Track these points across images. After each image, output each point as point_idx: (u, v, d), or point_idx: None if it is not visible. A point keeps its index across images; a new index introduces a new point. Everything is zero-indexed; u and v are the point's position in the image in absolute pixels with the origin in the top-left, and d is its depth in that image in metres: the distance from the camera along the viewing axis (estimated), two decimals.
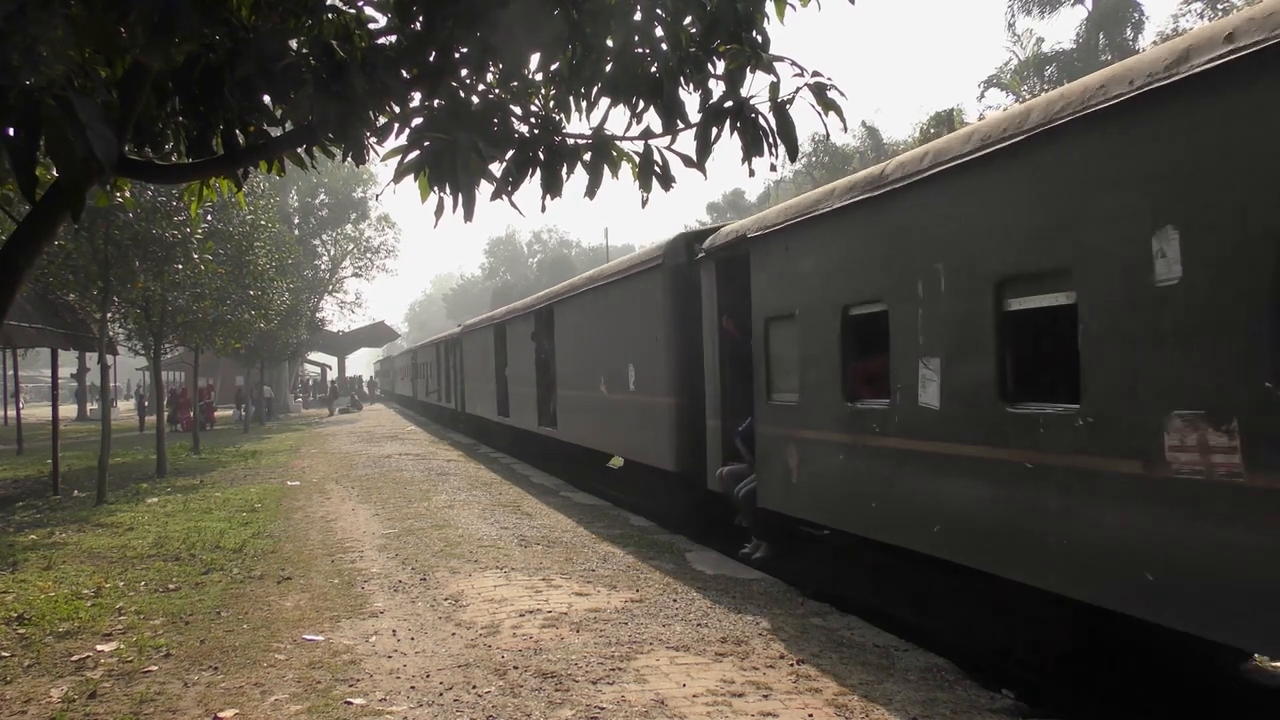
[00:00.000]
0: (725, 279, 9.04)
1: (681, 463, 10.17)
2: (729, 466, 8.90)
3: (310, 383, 62.42)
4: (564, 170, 3.90)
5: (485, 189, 3.69)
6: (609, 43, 3.69)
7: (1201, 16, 33.70)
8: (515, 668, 5.48)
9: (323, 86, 3.12)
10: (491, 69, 3.89)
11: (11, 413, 25.20)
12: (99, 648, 6.06)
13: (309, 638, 6.19)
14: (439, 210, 3.67)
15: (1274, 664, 5.78)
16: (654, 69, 3.72)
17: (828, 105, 3.51)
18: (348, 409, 47.70)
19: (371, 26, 3.81)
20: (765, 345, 8.00)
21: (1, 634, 6.44)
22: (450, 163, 3.42)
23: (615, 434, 12.69)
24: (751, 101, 3.62)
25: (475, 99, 3.91)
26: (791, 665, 5.50)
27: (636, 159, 3.87)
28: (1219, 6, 32.52)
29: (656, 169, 3.84)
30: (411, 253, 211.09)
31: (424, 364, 40.22)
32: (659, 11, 3.64)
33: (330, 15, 3.73)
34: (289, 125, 3.89)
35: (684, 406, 10.11)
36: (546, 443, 17.21)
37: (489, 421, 22.97)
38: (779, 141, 3.63)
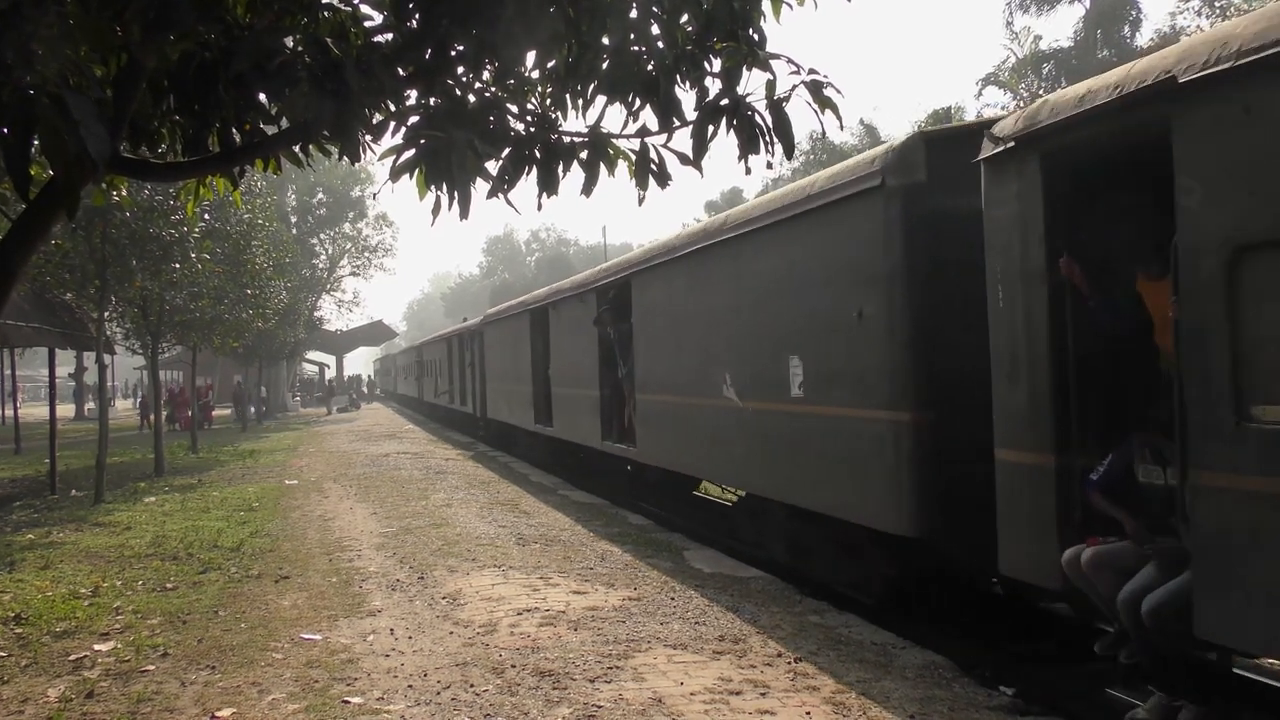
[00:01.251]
0: (1062, 188, 4.96)
1: (923, 523, 5.97)
2: (1096, 546, 4.72)
3: (311, 380, 62.24)
4: (560, 168, 3.89)
5: (481, 187, 3.69)
6: (605, 41, 3.68)
7: (1199, 14, 33.73)
8: (513, 666, 5.48)
9: (318, 84, 3.11)
10: (488, 67, 3.88)
11: (9, 412, 25.17)
12: (96, 647, 6.06)
13: (307, 637, 6.19)
14: (436, 209, 3.67)
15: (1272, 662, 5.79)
16: (650, 67, 3.71)
17: (824, 103, 3.50)
18: (345, 408, 47.68)
19: (367, 24, 3.80)
20: (1228, 304, 3.86)
21: None
22: (446, 161, 3.41)
23: (757, 463, 8.16)
24: (748, 99, 3.62)
25: (471, 97, 3.91)
26: (789, 663, 5.50)
27: (633, 157, 3.86)
28: (1216, 4, 32.55)
29: (653, 167, 3.83)
30: (409, 251, 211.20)
31: (432, 361, 35.44)
32: (655, 9, 3.63)
33: (326, 13, 3.73)
34: (285, 123, 3.88)
35: (930, 426, 5.96)
36: (614, 463, 13.39)
37: (520, 430, 18.75)
38: (775, 139, 3.62)
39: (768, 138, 3.62)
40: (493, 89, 4.00)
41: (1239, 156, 3.85)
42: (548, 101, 4.08)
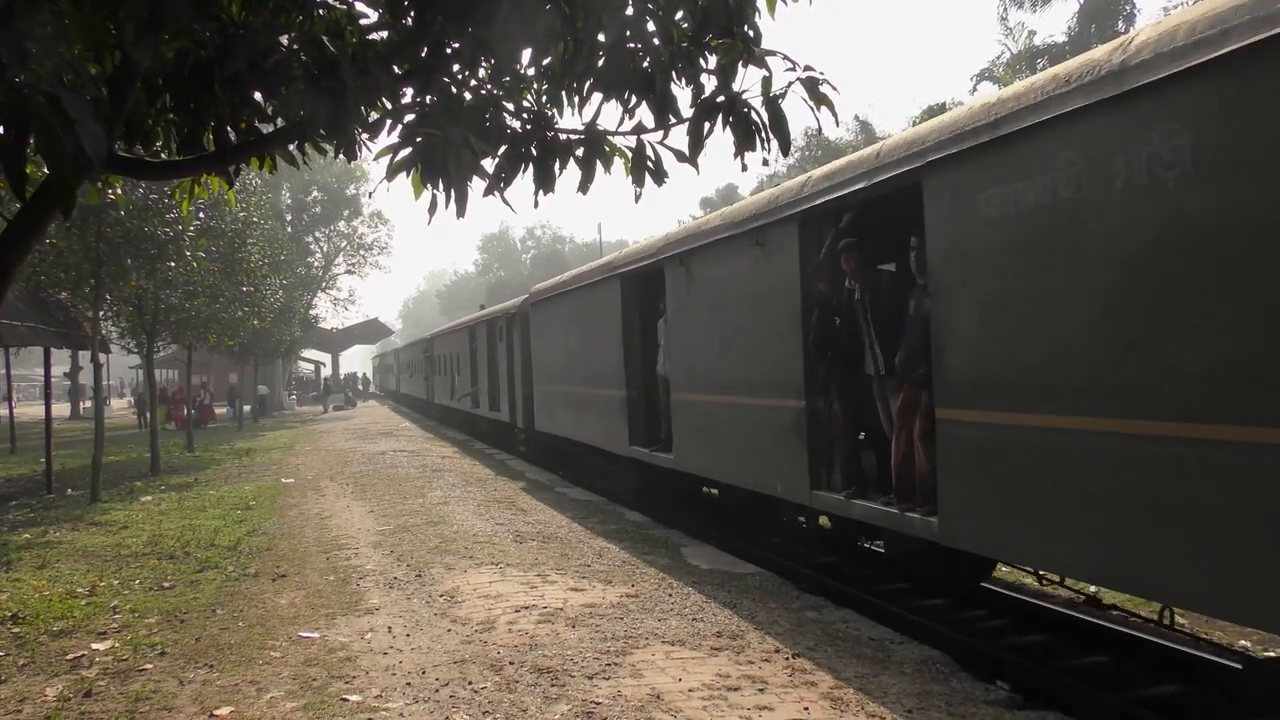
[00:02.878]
0: None
1: None
2: None
3: (306, 378, 62.12)
4: (557, 166, 3.89)
5: (478, 185, 3.69)
6: (601, 38, 3.68)
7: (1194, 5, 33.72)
8: (511, 663, 5.48)
9: (314, 82, 3.11)
10: (484, 64, 3.88)
11: (4, 411, 25.14)
12: (94, 646, 6.06)
13: (304, 635, 6.19)
14: (432, 207, 3.66)
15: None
16: (646, 64, 3.71)
17: (820, 99, 3.50)
18: (341, 405, 47.67)
19: (363, 22, 3.80)
20: None
21: None
22: (442, 159, 3.41)
23: None
24: (744, 96, 3.62)
25: (468, 95, 3.91)
26: (787, 659, 5.51)
27: (629, 154, 3.87)
28: None
29: (649, 164, 3.84)
30: (405, 249, 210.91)
31: (446, 356, 29.77)
32: (650, 6, 3.64)
33: (321, 11, 3.73)
34: (280, 122, 3.88)
35: None
36: (787, 510, 8.92)
37: (598, 452, 13.24)
38: (771, 136, 3.63)
39: (764, 135, 3.62)
40: (489, 87, 4.00)
41: None
42: (544, 99, 4.08)
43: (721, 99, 3.64)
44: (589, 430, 13.39)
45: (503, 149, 3.84)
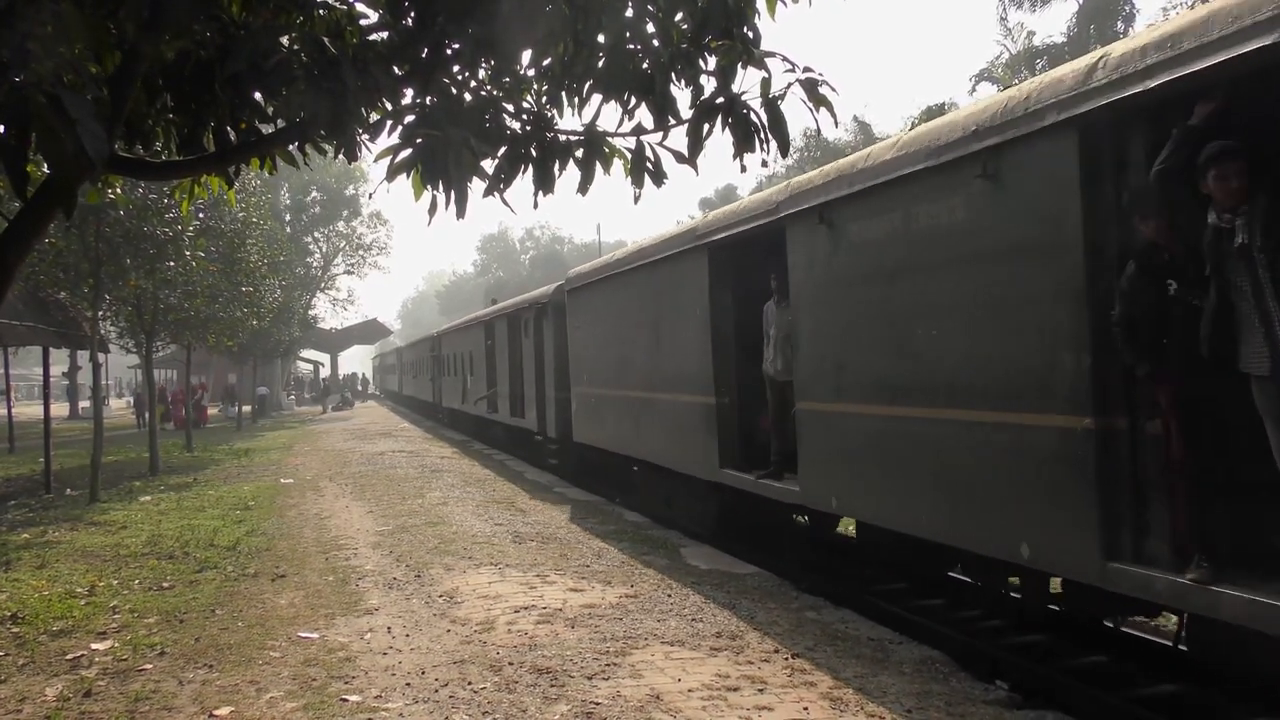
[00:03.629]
0: None
1: None
2: None
3: (304, 379, 62.05)
4: (556, 167, 3.90)
5: (478, 186, 3.69)
6: (601, 39, 3.69)
7: (1192, 8, 33.74)
8: (510, 664, 5.49)
9: (314, 83, 3.11)
10: (484, 65, 3.89)
11: (3, 411, 25.12)
12: (93, 646, 6.06)
13: (304, 635, 6.19)
14: (432, 208, 3.67)
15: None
16: (646, 65, 3.72)
17: (819, 101, 3.51)
18: (340, 406, 47.67)
19: (363, 23, 3.80)
20: None
21: None
22: (443, 160, 3.41)
23: None
24: (743, 97, 3.62)
25: (468, 96, 3.91)
26: (786, 659, 5.52)
27: (628, 155, 3.87)
28: None
29: (648, 165, 3.84)
30: (404, 249, 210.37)
31: (458, 355, 26.35)
32: (650, 7, 3.64)
33: (321, 11, 3.73)
34: (281, 122, 3.88)
35: None
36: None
37: (666, 474, 10.38)
38: (770, 137, 3.63)
39: (763, 136, 3.62)
40: (489, 87, 4.01)
41: None
42: (544, 100, 4.08)
43: (721, 100, 3.64)
44: (656, 446, 10.53)
45: (502, 150, 3.84)
